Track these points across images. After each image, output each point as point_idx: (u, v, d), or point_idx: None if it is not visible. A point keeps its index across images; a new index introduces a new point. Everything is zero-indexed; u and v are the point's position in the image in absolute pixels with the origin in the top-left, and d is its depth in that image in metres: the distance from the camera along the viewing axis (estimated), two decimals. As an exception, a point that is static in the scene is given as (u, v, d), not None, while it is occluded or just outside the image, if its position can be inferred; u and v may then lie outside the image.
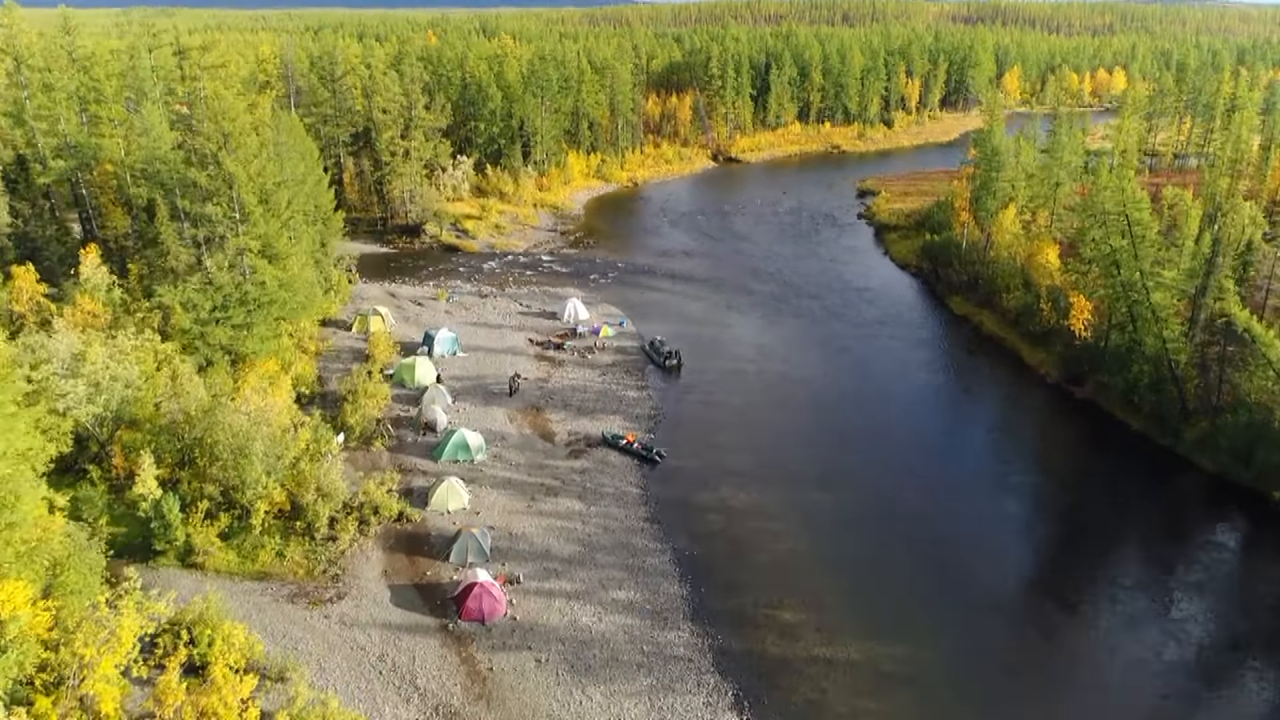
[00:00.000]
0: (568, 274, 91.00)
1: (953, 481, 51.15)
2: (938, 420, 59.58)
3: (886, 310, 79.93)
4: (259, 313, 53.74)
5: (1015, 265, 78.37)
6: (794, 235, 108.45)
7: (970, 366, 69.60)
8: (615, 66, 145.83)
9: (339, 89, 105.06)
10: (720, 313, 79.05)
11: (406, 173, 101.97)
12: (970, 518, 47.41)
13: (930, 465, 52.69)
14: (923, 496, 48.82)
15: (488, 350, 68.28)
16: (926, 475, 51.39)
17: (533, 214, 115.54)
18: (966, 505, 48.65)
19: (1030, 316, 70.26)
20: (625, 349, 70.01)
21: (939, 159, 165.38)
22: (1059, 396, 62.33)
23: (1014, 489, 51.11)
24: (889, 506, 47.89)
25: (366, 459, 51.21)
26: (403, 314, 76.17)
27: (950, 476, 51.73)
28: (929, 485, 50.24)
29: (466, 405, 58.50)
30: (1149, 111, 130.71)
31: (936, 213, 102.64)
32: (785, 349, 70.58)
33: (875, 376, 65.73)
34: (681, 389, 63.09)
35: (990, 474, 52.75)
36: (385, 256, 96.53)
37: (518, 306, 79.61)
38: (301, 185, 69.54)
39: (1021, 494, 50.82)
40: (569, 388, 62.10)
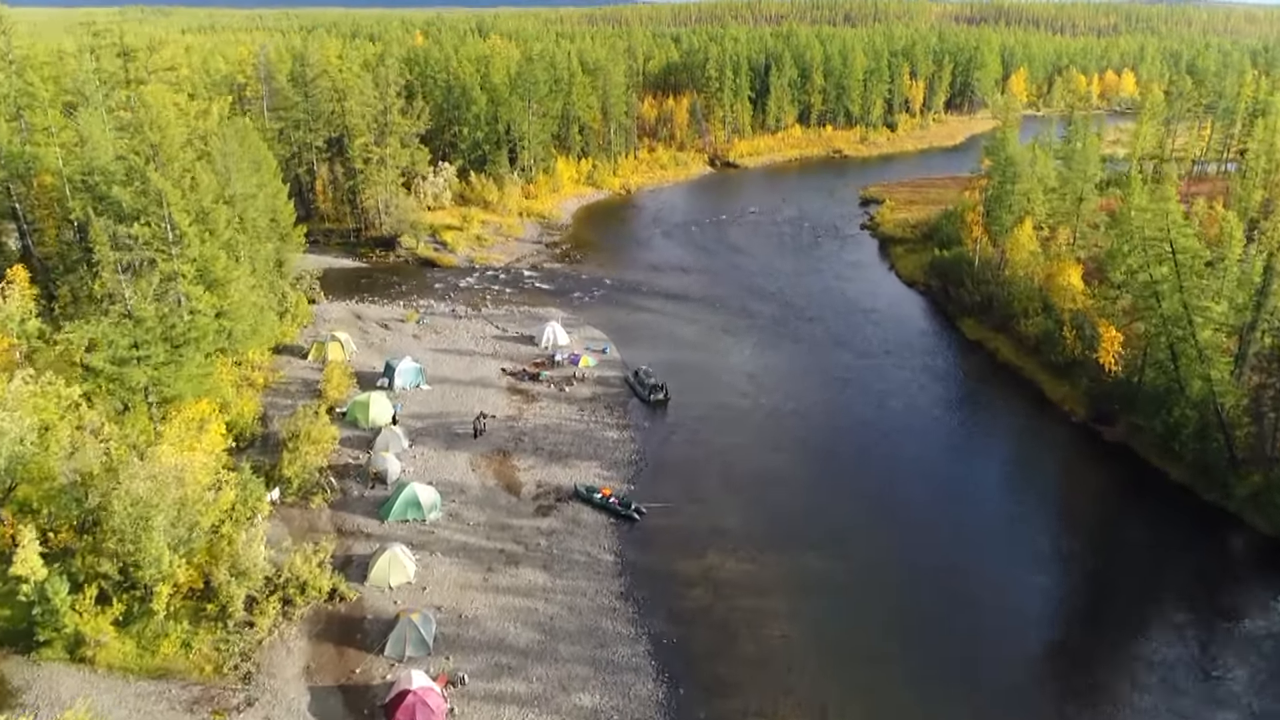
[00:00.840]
0: (550, 291, 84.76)
1: (968, 540, 44.86)
2: (951, 465, 53.30)
3: (893, 334, 73.66)
4: (187, 349, 47.51)
5: (1033, 286, 72.09)
6: (794, 248, 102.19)
7: (986, 401, 63.35)
8: (608, 68, 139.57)
9: (311, 91, 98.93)
10: (713, 337, 72.79)
11: (381, 181, 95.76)
12: (990, 585, 41.19)
13: (942, 520, 46.43)
14: (933, 560, 42.60)
15: (455, 382, 62.04)
16: (937, 532, 45.14)
17: (517, 224, 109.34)
18: (984, 570, 42.39)
19: (1051, 345, 64.00)
20: (607, 380, 63.79)
21: (944, 164, 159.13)
22: (1086, 438, 56.06)
23: (1037, 548, 44.76)
24: (895, 574, 41.70)
25: (304, 518, 44.99)
26: (366, 339, 69.96)
27: (966, 532, 45.45)
28: (940, 545, 44.01)
29: (425, 450, 52.25)
30: (1167, 116, 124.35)
31: (945, 225, 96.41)
32: (783, 380, 64.32)
33: (881, 413, 59.48)
34: (667, 428, 56.85)
35: (1010, 530, 46.39)
36: (356, 272, 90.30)
37: (493, 329, 73.38)
38: (253, 199, 63.33)
39: (1045, 554, 44.48)
40: (542, 427, 55.86)
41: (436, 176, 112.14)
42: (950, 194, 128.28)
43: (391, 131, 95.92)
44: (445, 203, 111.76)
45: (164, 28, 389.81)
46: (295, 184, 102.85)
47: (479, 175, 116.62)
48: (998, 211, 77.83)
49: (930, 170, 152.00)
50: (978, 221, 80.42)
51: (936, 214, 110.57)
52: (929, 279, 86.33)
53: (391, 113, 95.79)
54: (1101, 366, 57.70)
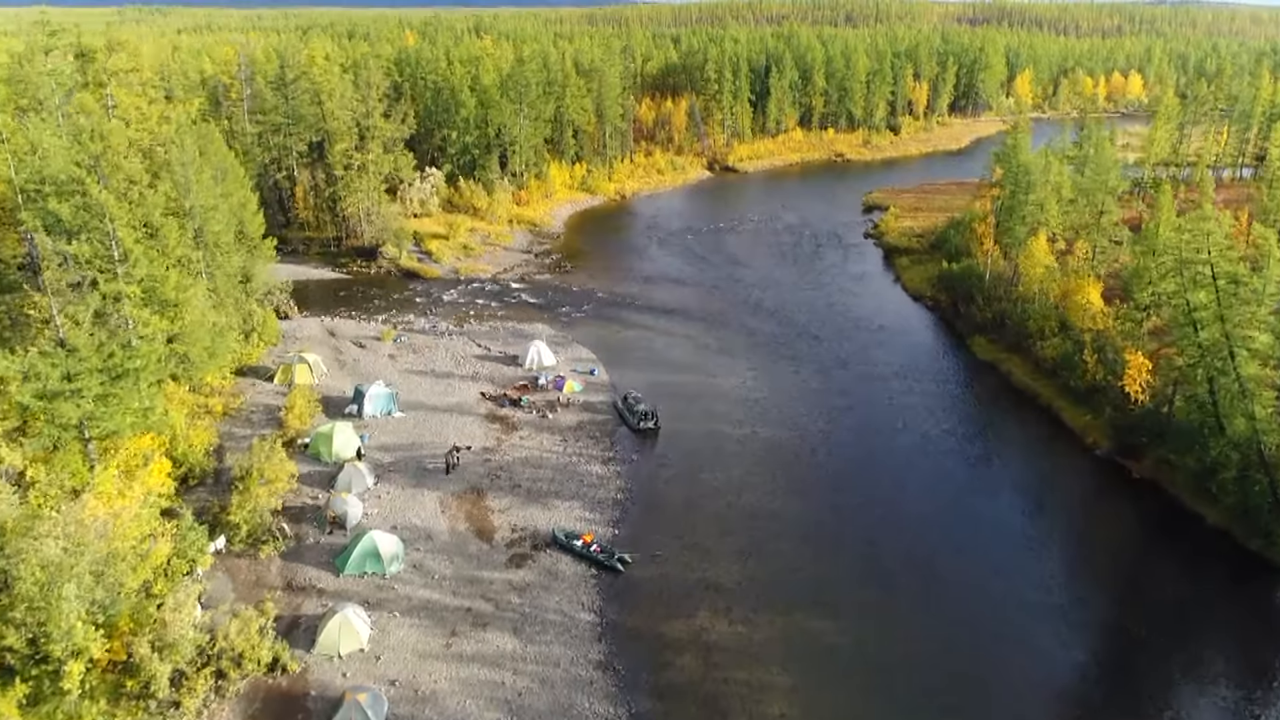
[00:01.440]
0: (538, 306, 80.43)
1: (986, 595, 40.46)
2: (965, 507, 48.82)
3: (900, 354, 69.29)
4: (127, 381, 43.16)
5: (1049, 304, 67.79)
6: (794, 258, 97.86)
7: (1001, 429, 58.95)
8: (603, 69, 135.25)
9: (292, 94, 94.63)
10: (708, 358, 68.42)
11: (362, 188, 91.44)
12: (1009, 647, 36.82)
13: (956, 573, 42.05)
14: (946, 620, 38.24)
15: (430, 409, 57.70)
16: (950, 588, 40.79)
17: (507, 232, 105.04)
18: (1004, 630, 37.99)
19: (1071, 369, 59.63)
20: (594, 406, 59.45)
21: (949, 169, 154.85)
22: (1110, 473, 51.68)
23: (1058, 600, 40.29)
24: (904, 639, 37.30)
25: (251, 570, 40.65)
26: (339, 359, 65.66)
27: (983, 587, 41.05)
28: (954, 600, 39.67)
29: (391, 488, 47.91)
30: (1181, 120, 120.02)
31: (953, 235, 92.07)
32: (782, 406, 59.95)
33: (888, 445, 55.11)
34: (657, 461, 52.50)
35: (1030, 580, 41.94)
36: (335, 284, 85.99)
37: (475, 348, 69.06)
38: (214, 211, 59.02)
39: (1068, 607, 40.01)
40: (521, 461, 51.51)
41: (423, 182, 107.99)
42: (956, 201, 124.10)
43: (373, 136, 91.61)
44: (432, 209, 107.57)
45: (159, 28, 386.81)
46: (275, 190, 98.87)
47: (468, 181, 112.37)
48: (1010, 223, 73.48)
49: (935, 175, 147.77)
50: (988, 233, 76.06)
51: (943, 222, 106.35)
52: (936, 293, 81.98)
53: (374, 116, 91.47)
54: (1126, 394, 53.36)
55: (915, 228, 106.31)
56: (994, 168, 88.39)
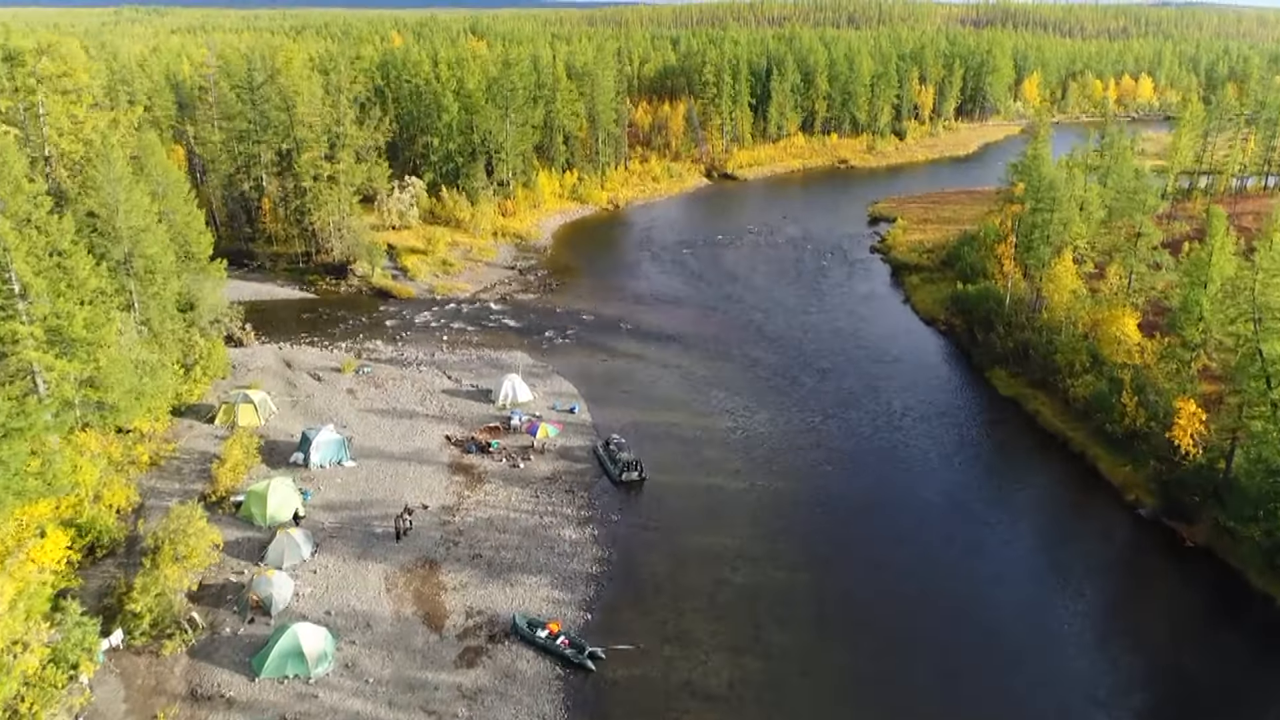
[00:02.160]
0: (518, 330, 74.03)
1: (1017, 694, 34.05)
2: (992, 581, 42.41)
3: (914, 390, 62.85)
4: (14, 441, 36.77)
5: (1078, 334, 61.37)
6: (797, 275, 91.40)
7: (1029, 480, 52.48)
8: (596, 72, 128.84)
9: (259, 99, 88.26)
10: (703, 393, 61.96)
11: (332, 201, 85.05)
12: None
13: (983, 665, 35.71)
14: None
15: (387, 457, 51.28)
16: (977, 689, 34.40)
17: (490, 246, 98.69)
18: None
19: (1106, 410, 53.14)
20: (571, 452, 53.03)
21: (957, 176, 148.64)
22: (1158, 538, 45.24)
23: (1098, 692, 33.94)
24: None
25: (151, 673, 34.19)
26: (291, 395, 59.27)
27: (1011, 686, 34.65)
28: (981, 704, 33.29)
29: (331, 560, 41.50)
30: (1205, 128, 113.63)
31: (966, 252, 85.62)
32: (786, 453, 53.49)
33: (904, 503, 48.64)
34: (640, 521, 46.07)
35: (1067, 670, 35.49)
36: (300, 304, 79.61)
37: (444, 381, 62.67)
38: (145, 233, 52.63)
39: (1108, 703, 33.67)
40: (484, 523, 45.09)
41: (402, 192, 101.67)
42: (967, 211, 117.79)
43: (344, 145, 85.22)
44: (412, 221, 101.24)
45: (153, 28, 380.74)
46: (241, 202, 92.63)
47: (451, 190, 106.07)
48: (1034, 243, 67.02)
49: (942, 182, 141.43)
50: (1009, 253, 69.62)
51: (954, 236, 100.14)
52: (950, 316, 75.52)
53: (344, 123, 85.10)
54: (1174, 445, 46.92)
55: (925, 241, 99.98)
56: (1011, 178, 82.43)
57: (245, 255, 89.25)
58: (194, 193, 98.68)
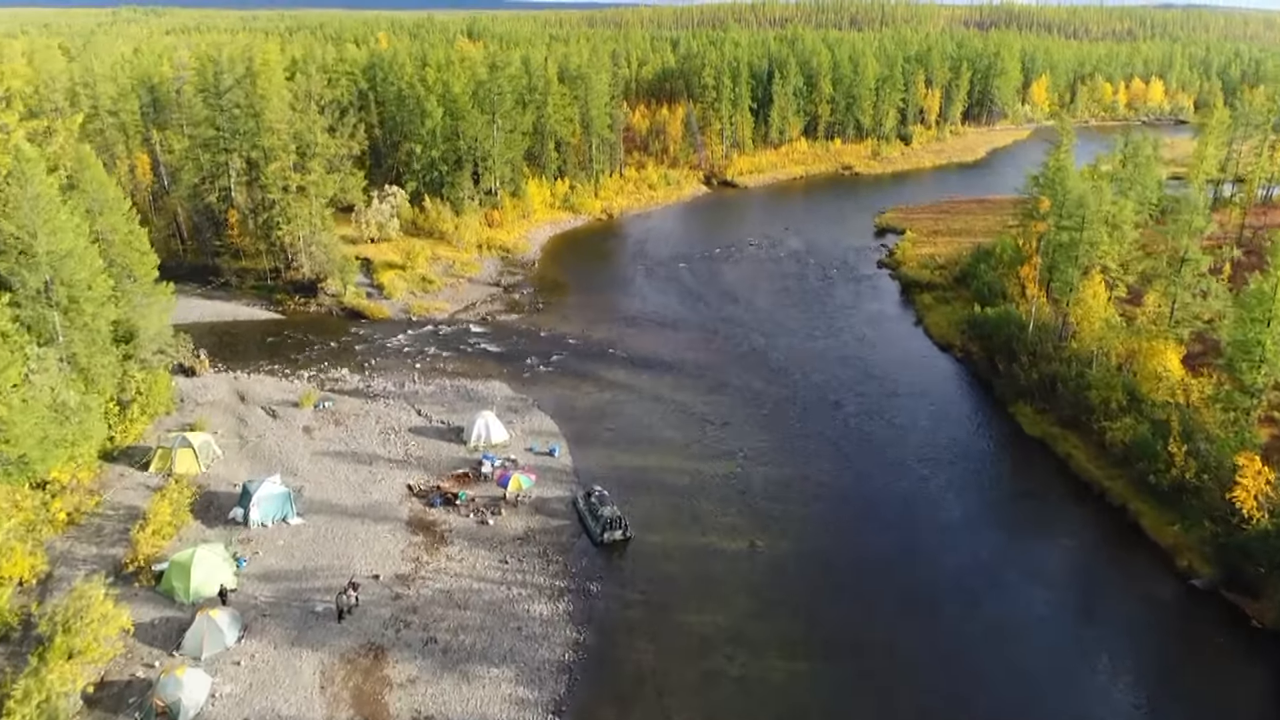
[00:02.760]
0: (498, 356, 68.19)
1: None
2: (1026, 662, 36.56)
3: (931, 429, 56.94)
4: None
5: (1111, 367, 55.54)
6: (800, 294, 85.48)
7: (1062, 537, 46.46)
8: (589, 75, 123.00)
9: (226, 103, 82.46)
10: (696, 432, 56.07)
11: (302, 213, 79.22)
12: None
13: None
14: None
15: (339, 512, 45.44)
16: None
17: (474, 260, 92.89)
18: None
19: (1149, 458, 47.30)
20: (548, 504, 47.17)
21: (966, 183, 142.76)
22: (1218, 614, 39.39)
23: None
24: None
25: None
26: (241, 434, 53.44)
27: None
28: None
29: (260, 648, 35.64)
30: (1230, 135, 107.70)
31: (982, 270, 79.71)
32: (788, 508, 47.61)
33: (921, 569, 42.77)
34: (622, 594, 40.23)
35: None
36: (265, 326, 73.79)
37: (412, 417, 56.85)
38: (70, 258, 46.82)
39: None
40: (443, 596, 39.26)
41: (382, 203, 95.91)
42: (979, 222, 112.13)
43: (314, 154, 79.39)
44: (392, 233, 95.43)
45: (148, 29, 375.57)
46: (207, 214, 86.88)
47: (434, 200, 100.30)
48: (1061, 265, 61.21)
49: (951, 190, 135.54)
50: (1033, 276, 63.73)
51: (967, 249, 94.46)
52: (967, 342, 69.66)
53: (315, 131, 79.26)
54: (1231, 502, 41.11)
55: (936, 256, 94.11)
56: (1031, 190, 76.72)
57: (210, 271, 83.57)
58: (159, 203, 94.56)
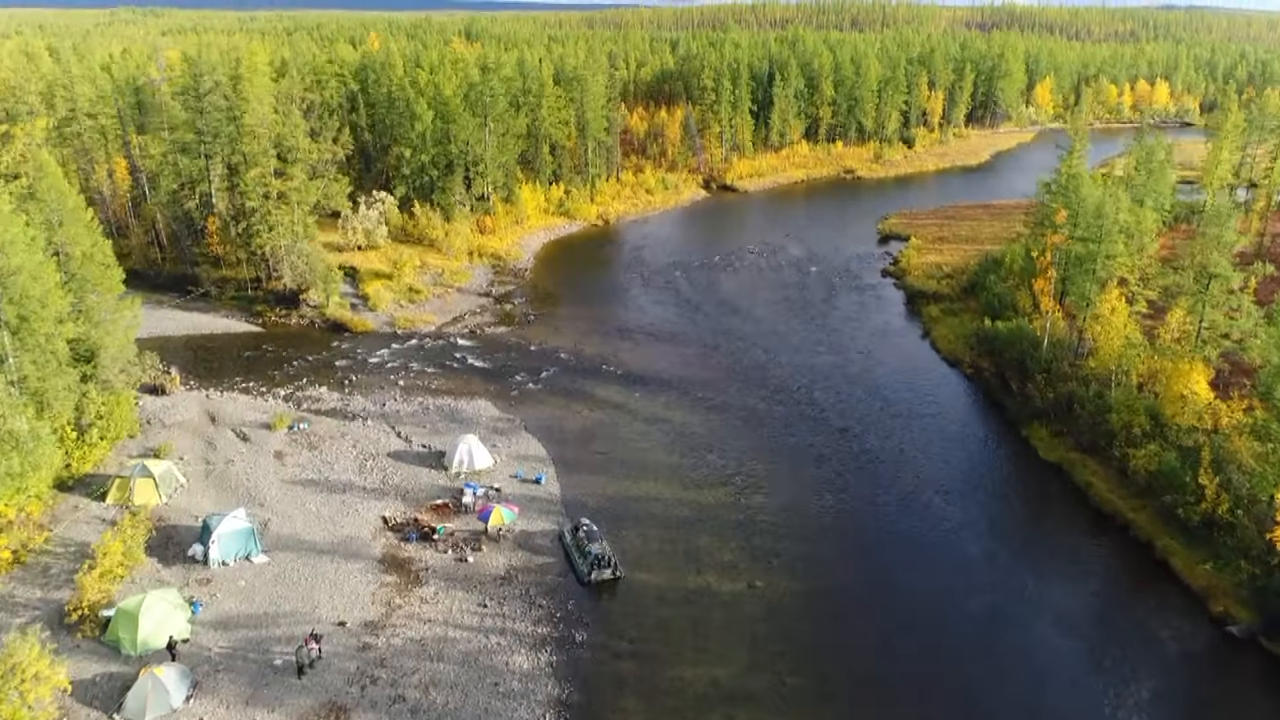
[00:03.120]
0: (485, 373, 65.03)
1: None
2: (1051, 717, 33.51)
3: (942, 452, 53.72)
4: None
5: (1133, 390, 52.36)
6: (802, 305, 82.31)
7: (1086, 577, 43.19)
8: (585, 77, 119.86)
9: (207, 106, 79.31)
10: (693, 456, 52.86)
11: (283, 222, 76.06)
12: None
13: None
14: None
15: (307, 549, 42.27)
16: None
17: (464, 269, 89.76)
18: None
19: (1177, 490, 44.16)
20: (532, 540, 44.00)
21: (971, 187, 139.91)
22: (1260, 665, 36.23)
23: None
24: None
25: None
26: (208, 460, 50.25)
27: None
28: None
29: (210, 707, 32.44)
30: (1245, 139, 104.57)
31: (992, 281, 76.59)
32: (790, 543, 44.41)
33: (935, 613, 39.55)
34: (610, 642, 37.03)
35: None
36: (243, 340, 70.66)
37: (392, 440, 53.68)
38: (17, 276, 43.62)
39: None
40: (415, 646, 36.06)
41: (370, 209, 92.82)
42: (985, 228, 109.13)
43: (296, 160, 76.25)
44: (380, 241, 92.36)
45: (145, 29, 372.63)
46: (186, 221, 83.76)
47: (424, 206, 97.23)
48: (1077, 279, 58.06)
49: (955, 195, 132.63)
50: (1048, 290, 60.56)
51: (973, 256, 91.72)
52: (977, 357, 66.51)
53: (296, 136, 76.11)
54: (1271, 542, 37.95)
55: (942, 265, 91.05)
56: (1043, 197, 73.64)
57: (190, 280, 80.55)
58: (139, 210, 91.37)
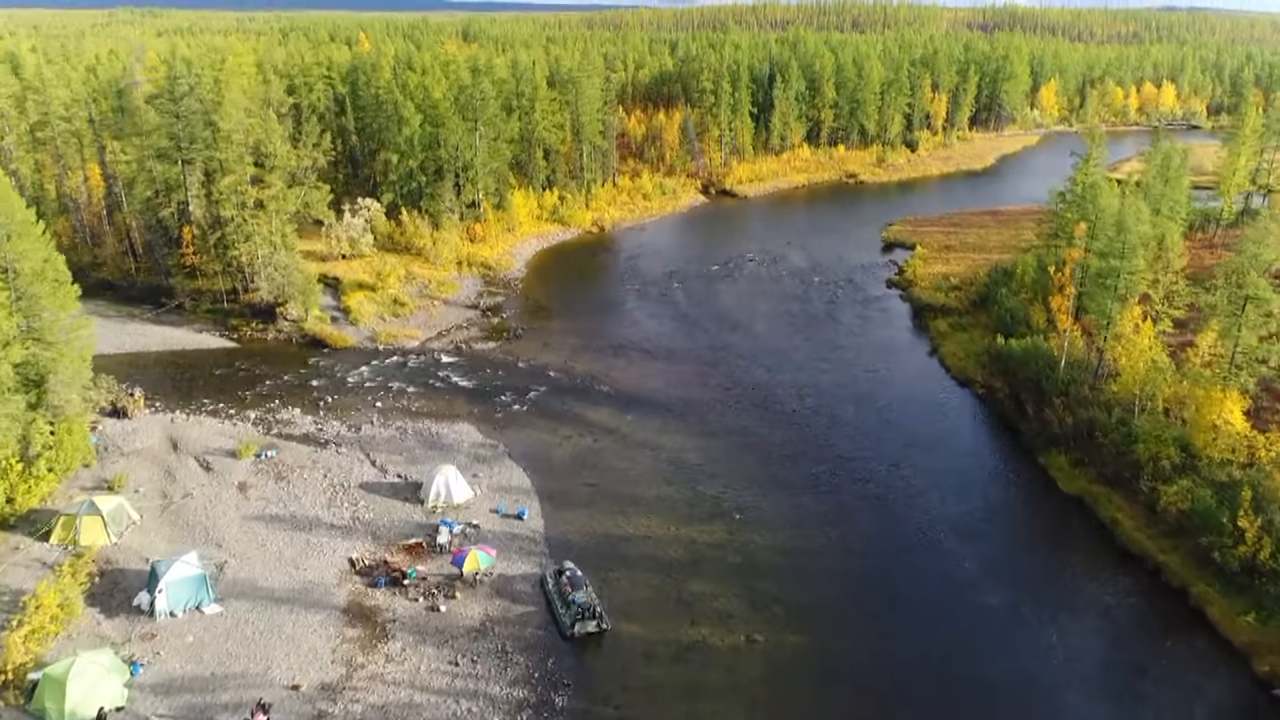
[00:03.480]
0: (469, 393, 61.48)
1: None
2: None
3: (956, 484, 50.02)
4: None
5: (1159, 417, 48.82)
6: (804, 319, 78.70)
7: (1116, 630, 39.63)
8: (580, 80, 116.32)
9: (184, 110, 75.77)
10: (689, 488, 49.27)
11: (260, 231, 72.56)
12: None
13: None
14: None
15: (264, 597, 38.68)
16: None
17: (452, 279, 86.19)
18: None
19: (1213, 532, 40.63)
20: (511, 586, 40.39)
21: (976, 192, 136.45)
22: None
23: None
24: None
25: None
26: (166, 493, 46.68)
27: None
28: None
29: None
30: (1263, 144, 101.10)
31: (1004, 295, 73.01)
32: (794, 588, 40.80)
33: (953, 675, 36.00)
34: (596, 711, 33.41)
35: None
36: (216, 357, 67.14)
37: (365, 469, 50.13)
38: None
39: None
40: (376, 713, 32.47)
41: (354, 217, 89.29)
42: (993, 236, 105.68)
43: (273, 167, 72.71)
44: (365, 249, 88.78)
45: (142, 30, 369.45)
46: (161, 230, 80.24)
47: (411, 213, 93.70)
48: (1097, 295, 54.49)
49: (960, 200, 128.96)
50: (1065, 307, 57.00)
51: (982, 266, 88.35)
52: (990, 377, 62.95)
53: (273, 141, 72.58)
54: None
55: (950, 276, 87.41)
56: (1056, 205, 70.32)
57: (164, 292, 77.07)
58: (113, 218, 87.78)
